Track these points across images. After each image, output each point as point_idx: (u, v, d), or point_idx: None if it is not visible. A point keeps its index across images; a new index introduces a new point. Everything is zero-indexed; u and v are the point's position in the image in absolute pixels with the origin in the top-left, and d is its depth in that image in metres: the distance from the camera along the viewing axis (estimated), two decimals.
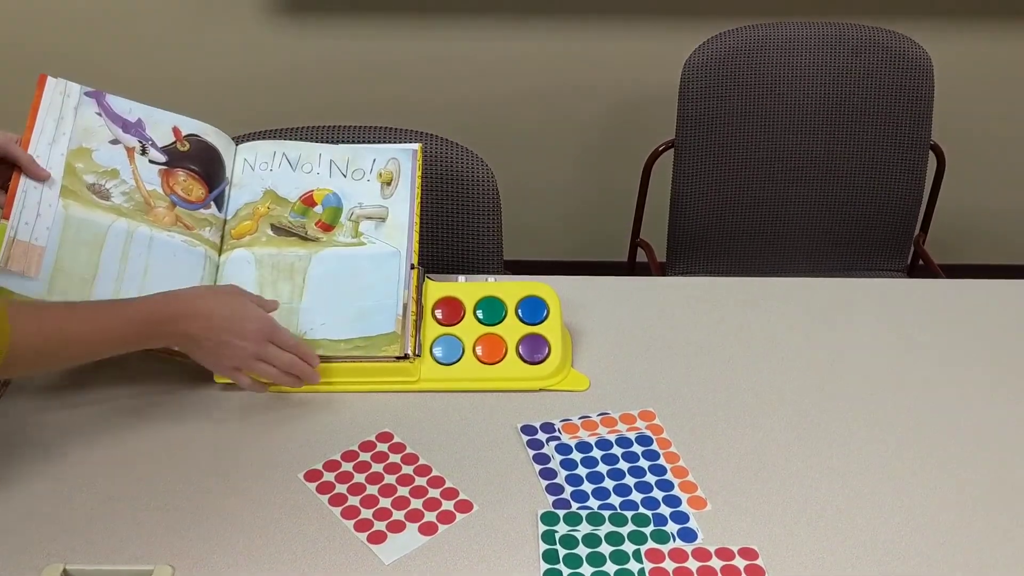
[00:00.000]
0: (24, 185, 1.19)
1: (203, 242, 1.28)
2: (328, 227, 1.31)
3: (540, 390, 1.25)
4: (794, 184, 1.87)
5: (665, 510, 1.09)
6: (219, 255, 1.29)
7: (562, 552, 1.03)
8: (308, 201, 1.33)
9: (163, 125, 1.32)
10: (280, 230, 1.31)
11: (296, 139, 1.55)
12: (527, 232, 2.53)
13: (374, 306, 1.26)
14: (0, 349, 0.97)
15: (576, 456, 1.15)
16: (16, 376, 1.22)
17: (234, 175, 1.35)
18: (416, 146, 1.39)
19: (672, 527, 1.07)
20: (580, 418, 1.21)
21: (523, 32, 2.26)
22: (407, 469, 1.13)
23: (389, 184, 1.32)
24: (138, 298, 1.13)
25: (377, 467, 1.13)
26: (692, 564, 1.02)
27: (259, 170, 1.35)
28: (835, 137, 1.84)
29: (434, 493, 1.10)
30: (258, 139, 1.52)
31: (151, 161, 1.29)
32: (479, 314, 1.30)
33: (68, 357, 1.09)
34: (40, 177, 1.20)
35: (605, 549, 1.04)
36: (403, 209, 1.33)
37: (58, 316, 1.05)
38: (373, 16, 2.24)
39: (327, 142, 1.54)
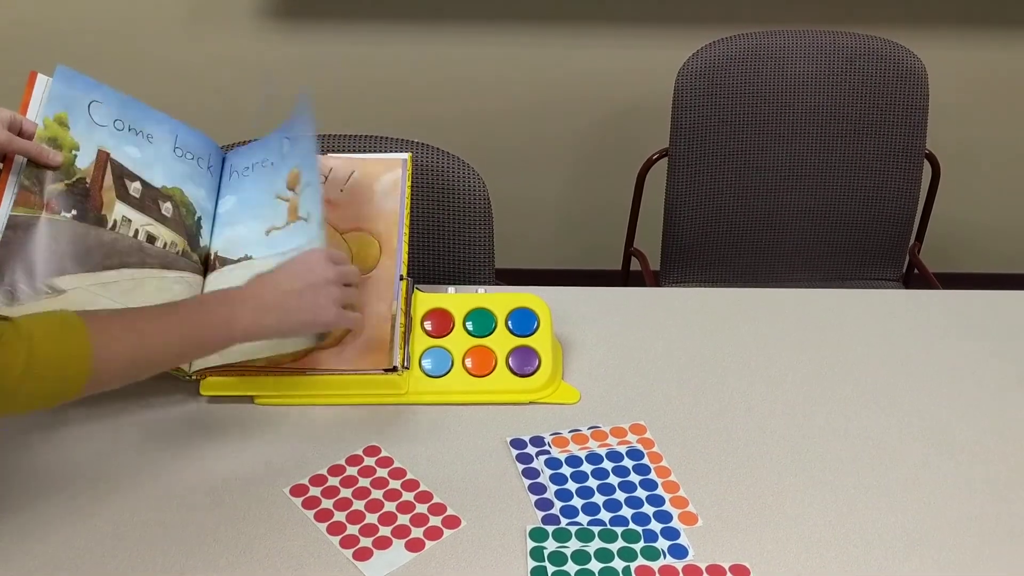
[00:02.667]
0: (7, 201, 1.16)
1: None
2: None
3: (530, 403, 1.24)
4: (788, 193, 1.86)
5: (656, 526, 1.07)
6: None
7: (551, 569, 1.02)
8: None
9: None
10: None
11: None
12: (520, 241, 2.52)
13: None
14: (82, 371, 0.94)
15: (566, 471, 1.14)
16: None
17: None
18: (406, 155, 1.37)
19: (662, 543, 1.05)
20: (570, 432, 1.19)
21: (516, 40, 2.25)
22: (394, 484, 1.12)
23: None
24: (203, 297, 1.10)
25: (364, 482, 1.12)
26: None
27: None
28: (829, 146, 1.83)
29: (421, 508, 1.09)
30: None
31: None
32: (469, 326, 1.28)
33: (151, 367, 1.03)
34: (53, 163, 1.17)
35: (594, 566, 1.02)
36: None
37: (135, 325, 1.00)
38: (365, 24, 2.23)
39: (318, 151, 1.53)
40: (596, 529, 1.06)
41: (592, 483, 1.12)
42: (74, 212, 1.18)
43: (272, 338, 1.12)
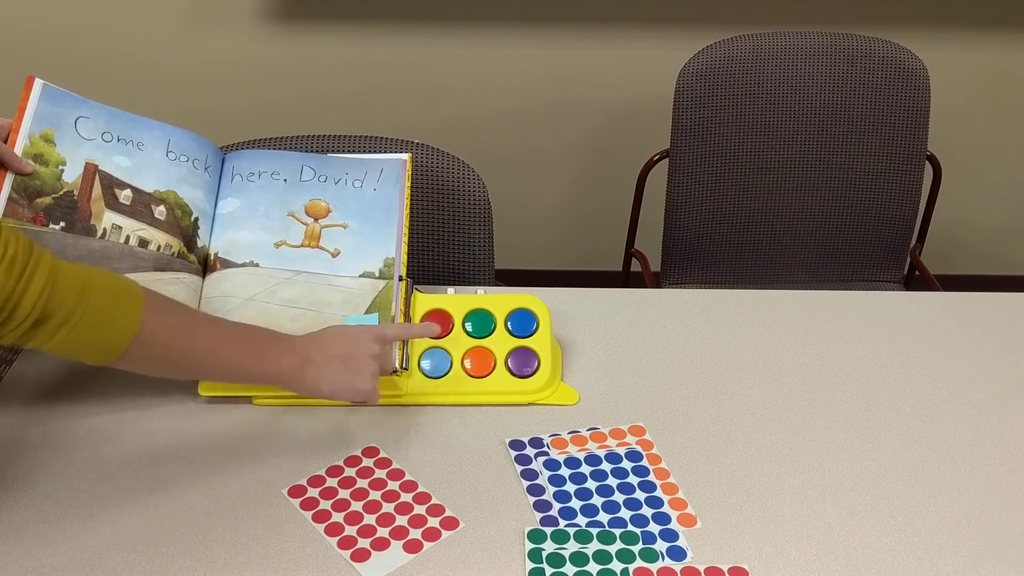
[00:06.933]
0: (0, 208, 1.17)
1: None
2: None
3: (529, 404, 1.24)
4: (789, 194, 1.86)
5: (654, 527, 1.07)
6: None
7: (549, 571, 1.01)
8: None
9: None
10: None
11: (287, 148, 1.54)
12: (521, 242, 2.52)
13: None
14: (120, 343, 0.95)
15: (564, 472, 1.14)
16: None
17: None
18: (406, 156, 1.37)
19: (661, 545, 1.05)
20: (569, 433, 1.19)
21: (517, 41, 2.25)
22: (393, 485, 1.12)
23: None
24: (259, 327, 1.13)
25: (362, 483, 1.12)
26: None
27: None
28: (830, 147, 1.83)
29: (420, 510, 1.09)
30: (247, 148, 1.51)
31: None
32: (468, 327, 1.28)
33: (183, 370, 1.06)
34: (23, 171, 1.18)
35: (592, 568, 1.02)
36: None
37: (188, 325, 1.03)
38: (364, 26, 2.23)
39: (318, 151, 1.53)
40: (594, 531, 1.06)
41: (591, 484, 1.12)
42: (62, 224, 1.19)
43: (311, 395, 1.13)
